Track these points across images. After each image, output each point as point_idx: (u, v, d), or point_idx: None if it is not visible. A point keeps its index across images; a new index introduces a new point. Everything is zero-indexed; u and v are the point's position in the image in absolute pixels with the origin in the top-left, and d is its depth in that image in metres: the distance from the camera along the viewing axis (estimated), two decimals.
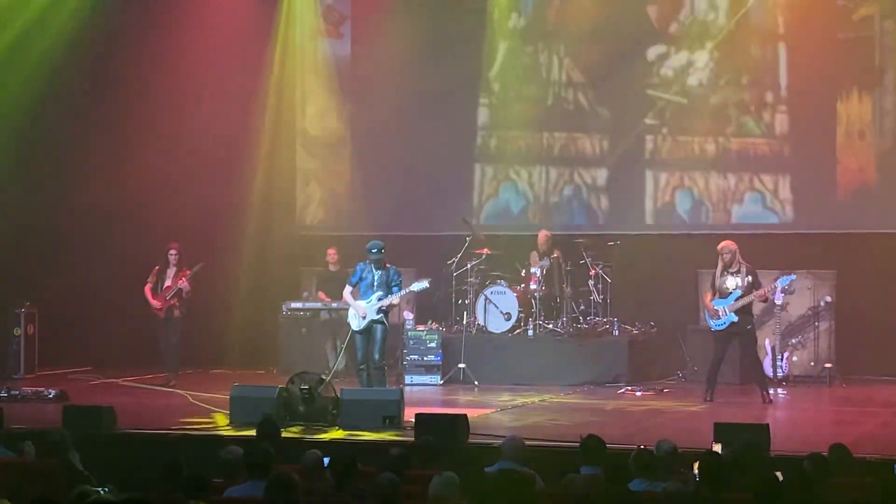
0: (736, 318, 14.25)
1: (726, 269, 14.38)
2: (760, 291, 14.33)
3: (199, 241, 17.04)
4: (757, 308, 15.06)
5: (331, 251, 17.54)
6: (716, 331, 14.50)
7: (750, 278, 14.31)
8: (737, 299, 14.23)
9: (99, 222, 17.86)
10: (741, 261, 14.43)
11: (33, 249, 17.17)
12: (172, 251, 16.20)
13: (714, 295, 14.46)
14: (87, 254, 17.68)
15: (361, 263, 14.07)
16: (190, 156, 18.23)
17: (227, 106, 18.33)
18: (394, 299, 13.92)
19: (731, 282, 14.33)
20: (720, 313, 14.31)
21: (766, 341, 16.07)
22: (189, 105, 18.28)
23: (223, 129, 18.31)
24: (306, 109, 19.29)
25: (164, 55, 18.23)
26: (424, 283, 14.42)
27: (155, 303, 16.10)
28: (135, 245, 17.45)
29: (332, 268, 17.49)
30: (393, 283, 13.86)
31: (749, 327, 14.43)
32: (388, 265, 13.96)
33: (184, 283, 15.97)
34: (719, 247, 14.50)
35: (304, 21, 19.25)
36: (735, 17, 17.73)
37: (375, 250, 13.90)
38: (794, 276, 15.15)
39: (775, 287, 15.12)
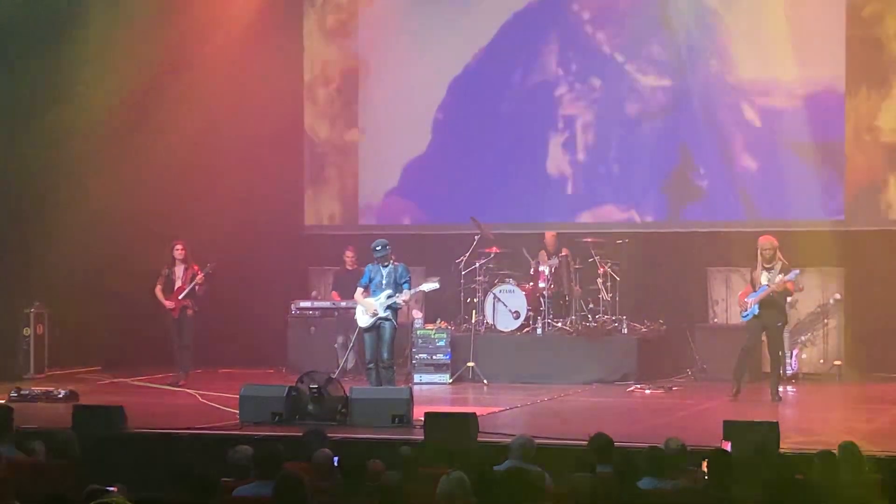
0: (757, 311, 14.30)
1: (764, 264, 14.39)
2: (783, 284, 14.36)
3: (207, 241, 17.04)
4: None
5: (349, 251, 17.54)
6: (744, 321, 14.60)
7: (782, 275, 14.31)
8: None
9: (108, 222, 17.85)
10: (781, 258, 14.43)
11: (42, 249, 17.18)
12: (178, 247, 16.15)
13: (751, 288, 14.51)
14: (96, 253, 17.67)
15: (370, 265, 14.10)
16: (198, 156, 18.22)
17: (236, 105, 18.34)
18: (404, 297, 13.92)
19: (765, 276, 14.36)
20: (748, 305, 14.38)
21: None
22: (198, 106, 18.27)
23: (233, 128, 18.33)
24: (316, 107, 19.28)
25: (173, 56, 18.23)
26: (435, 284, 14.45)
27: (168, 303, 16.09)
28: (144, 245, 17.43)
29: (348, 266, 17.49)
30: (402, 280, 13.87)
31: (779, 324, 14.51)
32: (396, 262, 13.98)
33: (199, 278, 15.93)
34: (759, 242, 14.46)
35: (310, 21, 19.30)
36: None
37: (380, 247, 13.93)
38: (797, 271, 15.07)
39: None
